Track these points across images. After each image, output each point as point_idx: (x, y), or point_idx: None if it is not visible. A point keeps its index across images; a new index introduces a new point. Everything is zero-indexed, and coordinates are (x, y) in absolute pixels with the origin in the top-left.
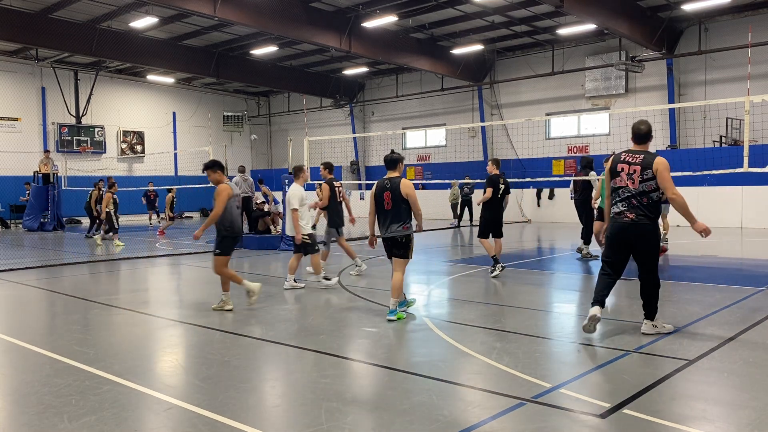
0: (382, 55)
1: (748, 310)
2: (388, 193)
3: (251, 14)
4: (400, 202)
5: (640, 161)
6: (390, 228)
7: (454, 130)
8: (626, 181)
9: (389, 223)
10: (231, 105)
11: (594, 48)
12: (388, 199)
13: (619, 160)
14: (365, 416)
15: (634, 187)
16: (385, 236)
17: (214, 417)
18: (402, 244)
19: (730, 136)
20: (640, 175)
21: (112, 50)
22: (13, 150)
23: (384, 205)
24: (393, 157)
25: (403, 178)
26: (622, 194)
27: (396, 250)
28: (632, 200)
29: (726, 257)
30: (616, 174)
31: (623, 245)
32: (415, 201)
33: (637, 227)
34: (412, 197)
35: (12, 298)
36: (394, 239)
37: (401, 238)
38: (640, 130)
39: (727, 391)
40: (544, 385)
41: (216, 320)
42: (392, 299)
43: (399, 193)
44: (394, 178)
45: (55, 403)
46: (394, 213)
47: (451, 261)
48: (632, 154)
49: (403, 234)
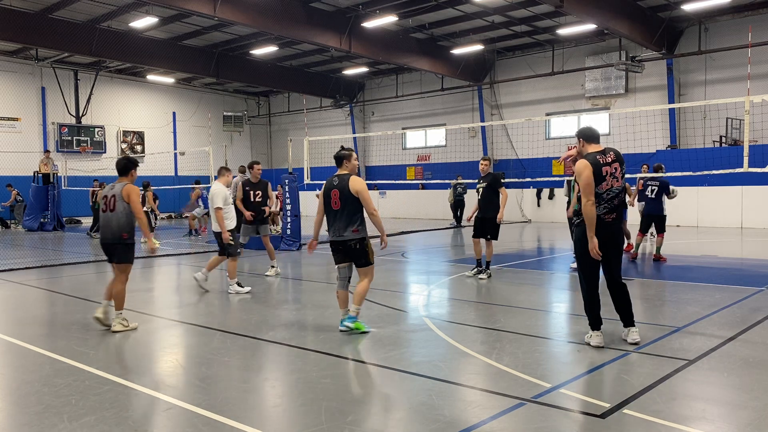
0: (382, 55)
1: (748, 310)
2: (336, 191)
3: (251, 14)
4: (350, 201)
5: (615, 157)
6: (339, 231)
7: (454, 130)
8: (611, 181)
9: (338, 225)
10: (231, 105)
11: (594, 48)
12: (336, 198)
13: (600, 164)
14: (365, 416)
15: (618, 185)
16: (334, 239)
17: (214, 417)
18: (357, 251)
19: (730, 136)
20: (621, 170)
21: (112, 50)
22: (13, 150)
23: (332, 204)
24: (340, 153)
25: (354, 175)
26: (607, 196)
27: (355, 259)
28: (614, 200)
29: (726, 257)
30: (602, 179)
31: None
32: (367, 200)
33: (615, 227)
34: (363, 195)
35: (12, 298)
36: (346, 245)
37: (354, 243)
38: (594, 130)
39: (727, 391)
40: (544, 385)
41: (216, 320)
42: (353, 305)
43: (348, 191)
44: (344, 175)
45: (55, 403)
46: (344, 214)
47: (451, 261)
48: (603, 154)
49: (356, 238)
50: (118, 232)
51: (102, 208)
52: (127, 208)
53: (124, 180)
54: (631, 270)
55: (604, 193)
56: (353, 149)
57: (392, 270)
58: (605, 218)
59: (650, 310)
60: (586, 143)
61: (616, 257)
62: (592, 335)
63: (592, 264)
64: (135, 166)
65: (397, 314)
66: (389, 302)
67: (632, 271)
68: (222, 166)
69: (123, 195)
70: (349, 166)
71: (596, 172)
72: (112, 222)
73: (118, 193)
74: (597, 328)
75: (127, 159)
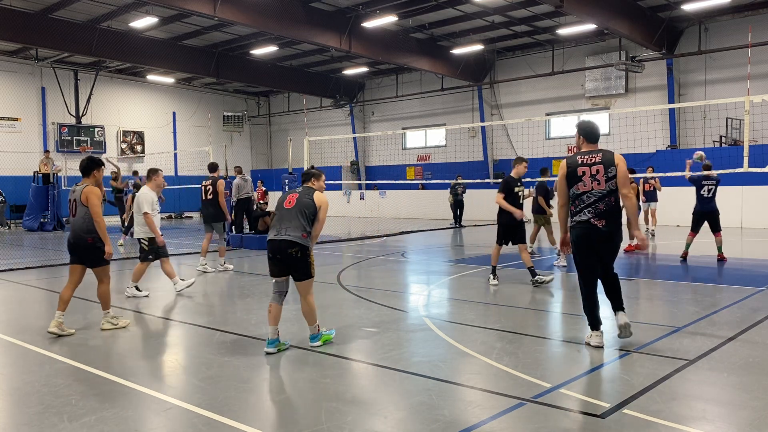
0: (382, 55)
1: (748, 310)
2: (296, 194)
3: (251, 14)
4: (309, 207)
5: (601, 159)
6: (285, 230)
7: (454, 130)
8: (591, 183)
9: (286, 224)
10: (231, 105)
11: (594, 48)
12: (294, 199)
13: (578, 164)
14: (365, 416)
15: (601, 188)
16: (275, 238)
17: (214, 417)
18: (297, 260)
19: (730, 136)
20: (604, 173)
21: (112, 50)
22: (13, 150)
23: (285, 203)
24: (311, 171)
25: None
26: (587, 200)
27: (294, 271)
28: (599, 204)
29: (726, 257)
30: (578, 179)
31: (592, 250)
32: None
33: (606, 234)
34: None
35: (12, 298)
36: (286, 254)
37: (296, 252)
38: (594, 128)
39: (727, 391)
40: (544, 385)
41: (216, 320)
42: (309, 326)
43: (310, 198)
44: (310, 188)
45: (55, 403)
46: (295, 214)
47: (450, 261)
48: (589, 155)
49: (300, 244)
50: (83, 236)
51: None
52: (87, 212)
53: (87, 181)
54: (635, 270)
55: (583, 195)
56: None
57: (392, 270)
58: (594, 223)
59: (650, 310)
60: (585, 141)
61: (611, 258)
62: (592, 335)
63: (589, 266)
64: (98, 167)
65: (397, 314)
66: (389, 302)
67: (635, 270)
68: (151, 168)
69: (82, 199)
70: (317, 184)
71: (571, 172)
72: (75, 226)
73: (78, 196)
74: (597, 329)
75: (90, 159)
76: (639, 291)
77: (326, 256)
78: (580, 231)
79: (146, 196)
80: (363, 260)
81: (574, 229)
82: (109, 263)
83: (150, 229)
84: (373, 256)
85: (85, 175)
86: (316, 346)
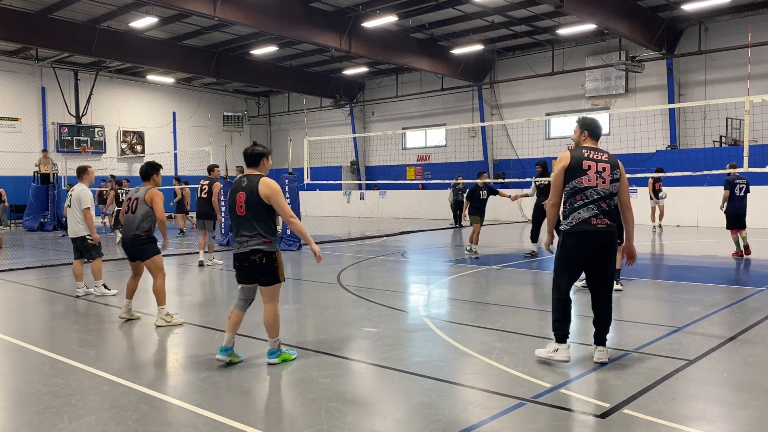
0: (382, 55)
1: (748, 310)
2: (242, 194)
3: (251, 14)
4: (259, 207)
5: (607, 159)
6: (244, 242)
7: (454, 130)
8: (596, 180)
9: (243, 234)
10: (231, 105)
11: (594, 48)
12: (242, 201)
13: (584, 157)
14: (365, 416)
15: (605, 187)
16: (238, 252)
17: (214, 417)
18: (263, 266)
19: (730, 136)
20: (610, 174)
21: (112, 50)
22: (13, 150)
23: (237, 209)
24: (256, 150)
25: (265, 177)
26: (591, 196)
27: (259, 276)
28: (602, 204)
29: (726, 257)
30: (582, 172)
31: (585, 259)
32: (282, 205)
33: (611, 236)
34: (276, 201)
35: (12, 298)
36: (251, 260)
37: (260, 258)
38: (599, 124)
39: (727, 391)
40: (544, 385)
41: (216, 320)
42: (270, 339)
43: (257, 195)
44: (253, 176)
45: (55, 403)
46: (250, 221)
47: (451, 261)
48: (595, 152)
49: (263, 251)
50: (137, 231)
51: (124, 209)
52: (150, 211)
53: (148, 185)
54: (635, 270)
55: (586, 190)
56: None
57: (392, 270)
58: (594, 223)
59: (650, 310)
60: (588, 136)
61: (606, 272)
62: (559, 349)
63: (574, 276)
64: (157, 171)
65: (397, 314)
66: (389, 302)
67: (633, 272)
68: (80, 166)
69: (146, 199)
70: (266, 165)
71: (576, 165)
72: (133, 223)
73: (141, 196)
74: (564, 341)
75: (149, 165)
76: (639, 291)
77: (326, 256)
78: (580, 237)
79: (86, 193)
80: (363, 260)
81: (571, 235)
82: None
83: (87, 224)
84: (373, 256)
85: (146, 179)
86: (273, 363)
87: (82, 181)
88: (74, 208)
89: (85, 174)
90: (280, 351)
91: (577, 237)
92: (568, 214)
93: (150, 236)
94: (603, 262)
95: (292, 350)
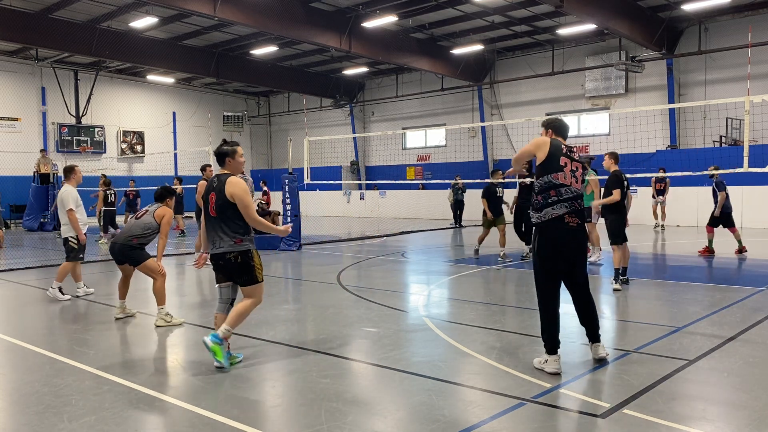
0: (382, 55)
1: (748, 310)
2: (213, 194)
3: (251, 14)
4: (227, 207)
5: (579, 159)
6: (217, 242)
7: (454, 130)
8: (570, 179)
9: (216, 235)
10: (231, 105)
11: (594, 48)
12: (213, 203)
13: (562, 152)
14: (365, 416)
15: (577, 187)
16: (213, 253)
17: (214, 417)
18: (238, 265)
19: (730, 136)
20: (582, 174)
21: (112, 50)
22: (13, 150)
23: (210, 210)
24: (222, 149)
25: (233, 176)
26: (566, 194)
27: (237, 277)
28: (574, 203)
29: (726, 257)
30: (559, 168)
31: (563, 255)
32: (247, 206)
33: (581, 234)
34: (241, 200)
35: (12, 298)
36: (225, 259)
37: (234, 256)
38: (563, 124)
39: (727, 391)
40: (544, 385)
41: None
42: (224, 325)
43: (223, 195)
44: (222, 176)
45: (55, 403)
46: (221, 222)
47: (451, 261)
48: (570, 150)
49: (236, 251)
50: (131, 236)
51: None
52: (153, 226)
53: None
54: (635, 270)
55: (561, 188)
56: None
57: (392, 270)
58: (567, 221)
59: (650, 310)
60: (556, 135)
61: (581, 267)
62: (549, 360)
63: (556, 275)
64: (171, 196)
65: (397, 314)
66: (389, 302)
67: (635, 270)
68: (66, 166)
69: (157, 213)
70: (233, 164)
71: (554, 155)
72: (132, 229)
73: (152, 209)
74: (554, 352)
75: (165, 189)
76: (639, 291)
77: (326, 256)
78: (554, 232)
79: (71, 193)
80: (363, 260)
81: (545, 229)
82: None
83: (72, 226)
84: (373, 256)
85: (159, 201)
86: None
87: (69, 182)
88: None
89: (72, 174)
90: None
91: (552, 230)
92: (541, 208)
93: (141, 244)
94: (577, 260)
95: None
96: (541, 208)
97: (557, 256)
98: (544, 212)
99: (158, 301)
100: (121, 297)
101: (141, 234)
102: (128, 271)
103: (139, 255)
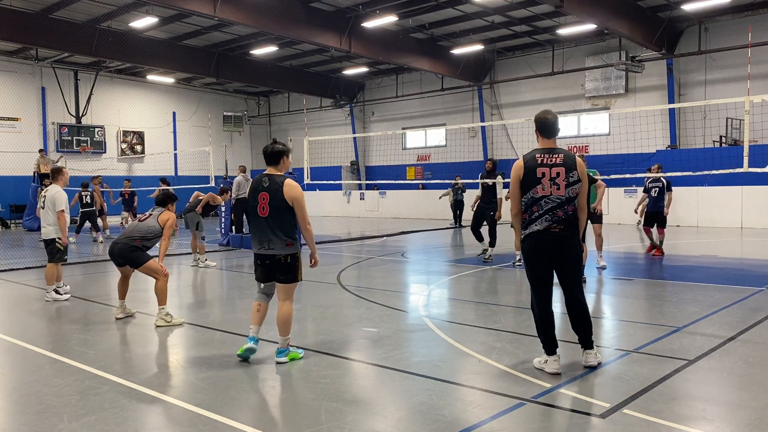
0: (382, 55)
1: (748, 310)
2: (265, 194)
3: (251, 14)
4: (283, 209)
5: (562, 161)
6: (267, 244)
7: (454, 130)
8: (550, 188)
9: (266, 236)
10: (231, 105)
11: (594, 48)
12: (265, 203)
13: (537, 164)
14: (365, 416)
15: (560, 194)
16: (260, 253)
17: (214, 417)
18: (287, 264)
19: (730, 136)
20: (565, 178)
21: (112, 50)
22: (13, 150)
23: (258, 210)
24: (275, 148)
25: (289, 178)
26: (545, 205)
27: (279, 274)
28: (557, 212)
29: (726, 257)
30: (537, 181)
31: (545, 260)
32: (303, 210)
33: (564, 240)
34: (300, 205)
35: (12, 298)
36: (274, 259)
37: (285, 257)
38: (549, 120)
39: (727, 391)
40: (544, 385)
41: (216, 320)
42: (280, 337)
43: (282, 197)
44: (276, 177)
45: (55, 403)
46: (274, 223)
47: (450, 261)
48: (549, 154)
49: (286, 253)
50: (133, 236)
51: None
52: (156, 229)
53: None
54: (635, 270)
55: (540, 200)
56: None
57: (392, 270)
58: (553, 229)
59: (650, 310)
60: (540, 136)
61: (573, 273)
62: (548, 360)
63: (542, 279)
64: (173, 201)
65: (397, 314)
66: (389, 302)
67: (635, 270)
68: (54, 167)
69: (161, 218)
70: (286, 163)
71: (529, 173)
72: (134, 231)
73: (156, 214)
74: (553, 353)
75: (166, 194)
76: (639, 291)
77: (326, 256)
78: (535, 240)
79: (61, 194)
80: (363, 260)
81: (528, 239)
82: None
83: (60, 227)
84: (373, 256)
85: (161, 206)
86: (282, 362)
87: (57, 183)
88: (48, 210)
89: (60, 175)
90: (288, 350)
91: (533, 238)
92: (527, 226)
93: (144, 246)
94: (567, 265)
95: (299, 349)
96: (527, 225)
97: (539, 262)
98: (529, 229)
99: (159, 301)
100: (120, 297)
101: (143, 236)
102: (128, 272)
103: (140, 256)
